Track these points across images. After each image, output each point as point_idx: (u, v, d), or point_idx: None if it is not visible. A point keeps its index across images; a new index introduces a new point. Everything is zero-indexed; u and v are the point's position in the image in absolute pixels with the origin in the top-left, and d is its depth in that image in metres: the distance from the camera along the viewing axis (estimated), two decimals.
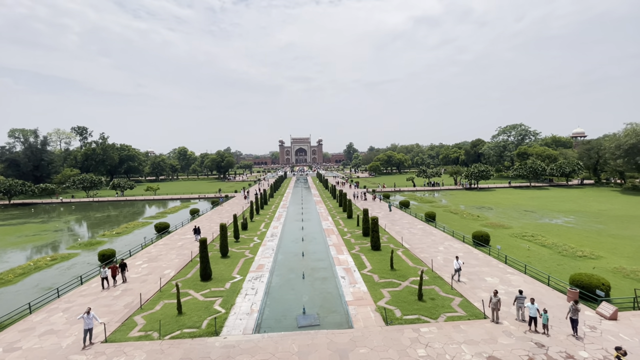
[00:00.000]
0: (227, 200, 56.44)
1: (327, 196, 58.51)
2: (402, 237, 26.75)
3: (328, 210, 42.31)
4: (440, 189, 68.21)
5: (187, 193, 69.84)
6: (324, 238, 27.63)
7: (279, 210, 43.65)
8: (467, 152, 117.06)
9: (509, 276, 18.74)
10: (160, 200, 62.57)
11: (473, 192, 61.93)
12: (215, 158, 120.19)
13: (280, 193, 66.69)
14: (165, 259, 22.98)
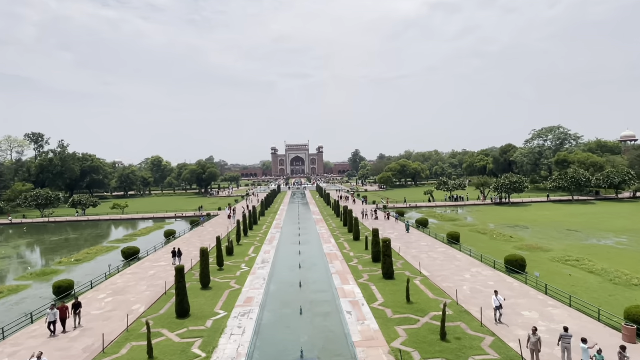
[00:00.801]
0: (209, 219, 56.62)
1: (330, 214, 58.79)
2: (420, 262, 26.62)
3: (330, 230, 42.37)
4: (464, 204, 68.39)
5: (162, 211, 70.00)
6: (326, 265, 27.55)
7: (272, 231, 43.75)
8: (495, 160, 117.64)
9: (550, 310, 18.46)
10: (130, 221, 62.63)
11: (504, 208, 62.05)
12: (195, 169, 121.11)
13: (273, 211, 66.99)
14: (134, 291, 22.82)
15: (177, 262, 29.80)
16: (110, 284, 24.36)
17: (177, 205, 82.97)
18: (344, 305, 19.57)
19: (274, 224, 49.68)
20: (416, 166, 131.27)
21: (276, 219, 54.15)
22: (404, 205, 67.93)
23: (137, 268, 28.18)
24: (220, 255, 27.22)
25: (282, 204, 79.46)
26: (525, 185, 66.65)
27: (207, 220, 55.29)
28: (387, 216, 48.94)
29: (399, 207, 66.42)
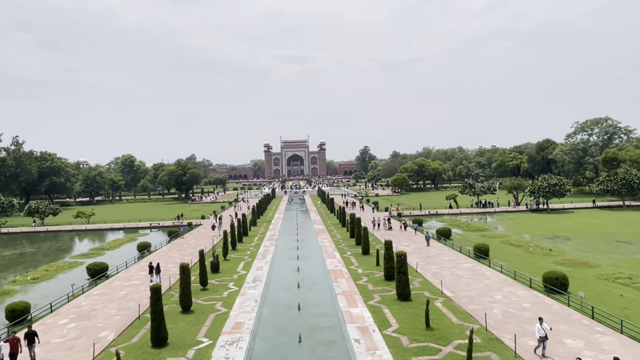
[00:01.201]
0: (190, 230, 56.89)
1: (334, 223, 59.24)
2: (442, 280, 26.61)
3: (335, 243, 42.50)
4: (494, 211, 68.71)
5: (134, 220, 70.31)
6: (330, 283, 27.60)
7: (265, 243, 43.99)
8: (531, 159, 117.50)
9: (598, 337, 18.31)
10: (96, 231, 62.96)
11: (541, 215, 62.17)
12: (173, 170, 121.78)
13: (266, 219, 67.36)
14: (102, 315, 22.88)
15: (156, 280, 29.99)
16: (74, 307, 24.43)
17: (153, 213, 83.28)
18: (351, 331, 19.45)
19: (267, 235, 49.84)
20: (436, 166, 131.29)
21: (270, 229, 54.38)
22: (421, 213, 68.16)
23: (105, 288, 28.28)
24: (203, 272, 27.28)
25: (277, 211, 79.80)
26: (566, 189, 66.60)
27: (187, 230, 55.50)
28: (403, 226, 49.06)
29: (415, 214, 66.65)
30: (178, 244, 45.28)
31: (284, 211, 78.93)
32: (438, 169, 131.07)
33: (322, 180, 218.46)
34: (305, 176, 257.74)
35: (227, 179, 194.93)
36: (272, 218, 67.68)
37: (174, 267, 32.80)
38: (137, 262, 36.58)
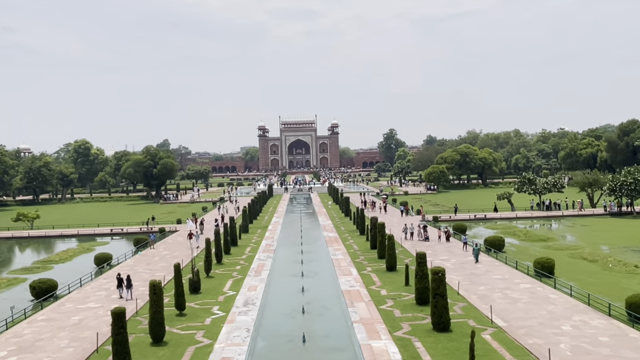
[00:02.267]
0: (163, 237, 57.62)
1: (349, 230, 59.67)
2: (492, 305, 26.52)
3: (351, 256, 42.77)
4: (562, 215, 68.55)
5: (91, 225, 71.37)
6: (344, 308, 27.74)
7: (260, 256, 44.41)
8: (611, 146, 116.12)
9: None
10: (42, 239, 63.96)
11: (625, 221, 61.70)
12: (140, 161, 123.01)
13: (261, 224, 68.11)
14: (50, 347, 23.23)
15: (126, 296, 30.54)
16: (13, 336, 24.82)
17: (115, 216, 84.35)
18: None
19: (262, 245, 50.22)
20: (485, 155, 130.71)
21: (266, 237, 54.81)
22: (463, 217, 68.13)
23: (54, 311, 28.75)
24: (180, 292, 27.57)
25: (276, 213, 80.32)
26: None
27: (159, 238, 56.19)
28: (444, 235, 48.70)
29: (457, 219, 66.88)
30: (147, 255, 45.78)
31: (284, 214, 79.28)
32: (487, 159, 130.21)
33: (334, 173, 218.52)
34: (312, 168, 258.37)
35: (210, 171, 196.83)
36: (269, 223, 68.06)
37: (142, 286, 33.19)
38: (94, 279, 37.09)
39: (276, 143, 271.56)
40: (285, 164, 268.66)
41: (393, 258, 36.40)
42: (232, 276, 36.34)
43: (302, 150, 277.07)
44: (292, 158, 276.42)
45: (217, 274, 37.25)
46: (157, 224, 68.50)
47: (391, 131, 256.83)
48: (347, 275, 35.13)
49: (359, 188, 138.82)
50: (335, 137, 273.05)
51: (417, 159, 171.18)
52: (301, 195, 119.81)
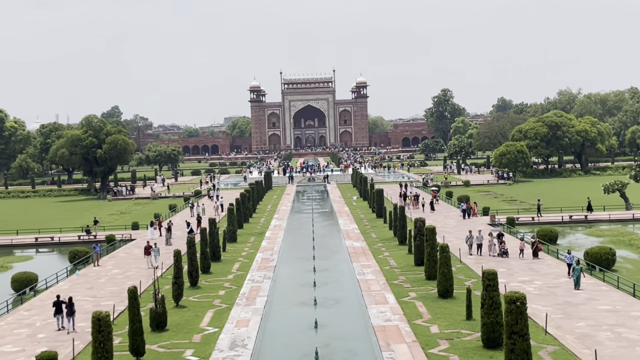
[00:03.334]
0: (112, 250, 57.75)
1: (384, 237, 59.80)
2: (597, 350, 25.96)
3: (386, 275, 42.54)
4: None
5: (6, 232, 71.71)
6: (377, 354, 27.35)
7: (254, 275, 44.46)
8: None
9: None
10: None
11: None
12: (79, 137, 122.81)
13: (255, 230, 68.65)
14: None
15: (68, 327, 31.12)
16: None
17: (42, 219, 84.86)
18: None
19: (257, 259, 50.14)
20: (586, 126, 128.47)
21: (263, 249, 54.81)
22: (549, 220, 67.53)
23: None
24: (137, 329, 27.37)
25: (276, 214, 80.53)
26: None
27: (106, 251, 56.26)
28: (532, 248, 47.37)
29: (545, 221, 66.04)
30: (90, 276, 45.69)
31: (288, 215, 79.14)
32: (589, 133, 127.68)
33: (360, 155, 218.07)
34: (329, 148, 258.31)
35: (180, 153, 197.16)
36: (267, 228, 67.91)
37: (82, 320, 33.15)
38: (12, 311, 37.08)
39: (276, 111, 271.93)
40: (289, 142, 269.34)
41: (448, 279, 35.86)
42: (212, 305, 36.12)
43: (314, 122, 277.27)
44: (299, 133, 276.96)
45: (192, 302, 37.04)
46: (104, 230, 68.66)
47: (445, 93, 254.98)
48: (381, 304, 34.72)
49: (397, 176, 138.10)
50: (362, 103, 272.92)
51: (483, 134, 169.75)
52: (313, 188, 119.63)
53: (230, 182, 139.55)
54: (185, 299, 37.40)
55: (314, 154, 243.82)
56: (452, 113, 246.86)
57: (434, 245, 40.25)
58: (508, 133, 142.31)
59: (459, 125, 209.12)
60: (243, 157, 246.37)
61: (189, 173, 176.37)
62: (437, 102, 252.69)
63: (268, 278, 42.90)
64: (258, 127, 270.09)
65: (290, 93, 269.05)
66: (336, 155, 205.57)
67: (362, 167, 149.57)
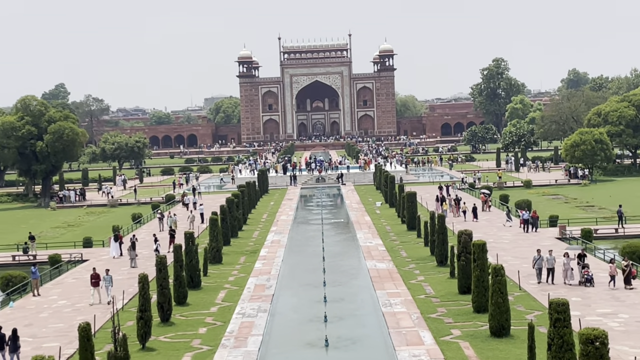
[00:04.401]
0: (56, 274, 57.90)
1: (417, 256, 59.75)
2: None
3: (420, 307, 42.35)
4: None
5: None
6: None
7: (245, 307, 44.38)
8: None
9: None
10: None
11: None
12: (12, 125, 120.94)
13: (245, 247, 68.65)
14: None
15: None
16: None
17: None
18: None
19: (249, 285, 50.18)
20: None
21: (256, 272, 54.83)
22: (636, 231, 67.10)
23: None
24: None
25: (274, 225, 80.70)
26: None
27: (48, 276, 56.24)
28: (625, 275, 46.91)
29: (628, 234, 65.71)
30: (27, 309, 45.68)
31: (290, 226, 79.22)
32: None
33: (385, 147, 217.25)
34: (345, 136, 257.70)
35: (147, 145, 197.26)
36: (262, 245, 67.93)
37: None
38: None
39: (273, 89, 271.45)
40: (291, 130, 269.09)
41: (503, 311, 35.61)
42: (190, 347, 36.03)
43: (324, 103, 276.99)
44: (304, 118, 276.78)
45: (163, 343, 36.99)
46: (46, 249, 68.62)
47: (497, 64, 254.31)
48: (415, 346, 34.54)
49: (434, 175, 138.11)
50: (387, 77, 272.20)
51: (549, 118, 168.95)
52: (323, 191, 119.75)
53: (213, 185, 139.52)
54: (154, 339, 37.38)
55: (324, 145, 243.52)
56: (507, 91, 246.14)
57: (484, 266, 40.04)
58: (582, 117, 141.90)
59: (517, 107, 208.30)
60: (230, 150, 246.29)
61: (159, 172, 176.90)
62: (487, 77, 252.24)
63: (264, 311, 42.77)
64: (249, 110, 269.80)
65: (291, 65, 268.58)
66: (353, 148, 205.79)
67: (388, 164, 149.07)
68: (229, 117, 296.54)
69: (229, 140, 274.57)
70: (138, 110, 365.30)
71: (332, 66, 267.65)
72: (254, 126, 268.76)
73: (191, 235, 51.84)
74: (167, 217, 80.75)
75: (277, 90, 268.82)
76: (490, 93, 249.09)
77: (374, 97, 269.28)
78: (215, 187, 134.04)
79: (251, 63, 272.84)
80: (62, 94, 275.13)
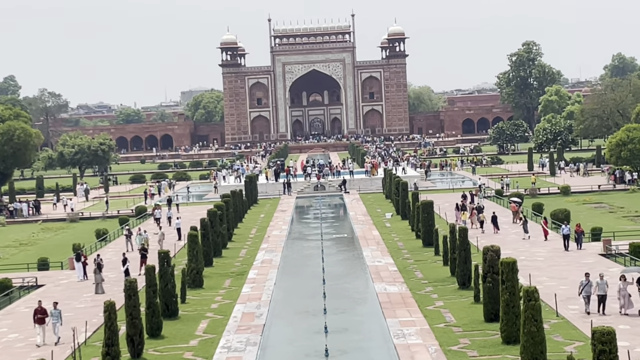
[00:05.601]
0: (6, 302, 57.94)
1: (435, 277, 59.82)
2: None
3: (441, 342, 41.89)
4: None
5: None
6: None
7: (231, 341, 44.23)
8: None
9: None
10: None
11: None
12: None
13: (230, 268, 68.83)
14: None
15: None
16: None
17: None
18: None
19: (235, 314, 50.20)
20: None
21: (243, 298, 54.90)
22: None
23: None
24: None
25: (265, 242, 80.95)
26: None
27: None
28: None
29: None
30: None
31: (283, 243, 79.39)
32: None
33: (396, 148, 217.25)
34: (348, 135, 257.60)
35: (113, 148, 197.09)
36: (250, 265, 68.13)
37: None
38: None
39: (262, 80, 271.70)
40: (284, 129, 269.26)
41: (538, 342, 35.33)
42: None
43: (323, 97, 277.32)
44: (299, 114, 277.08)
45: None
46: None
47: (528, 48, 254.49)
48: None
49: (455, 181, 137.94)
50: (398, 65, 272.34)
51: (590, 112, 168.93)
52: (322, 200, 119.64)
53: (193, 194, 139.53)
54: None
55: (323, 146, 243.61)
56: (540, 80, 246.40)
57: (514, 289, 40.00)
58: (630, 110, 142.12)
59: (552, 99, 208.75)
60: (212, 153, 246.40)
61: (127, 180, 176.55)
62: (516, 63, 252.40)
63: (253, 344, 42.75)
64: (235, 105, 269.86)
65: (284, 52, 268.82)
66: (358, 149, 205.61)
67: (400, 167, 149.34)
68: (210, 114, 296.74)
69: (211, 141, 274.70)
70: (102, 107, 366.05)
71: (332, 52, 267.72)
72: (240, 124, 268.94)
73: (166, 255, 51.77)
74: (135, 234, 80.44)
75: (267, 81, 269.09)
76: (520, 83, 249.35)
77: (382, 88, 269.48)
78: (195, 196, 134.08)
79: (236, 50, 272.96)
80: (12, 88, 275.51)
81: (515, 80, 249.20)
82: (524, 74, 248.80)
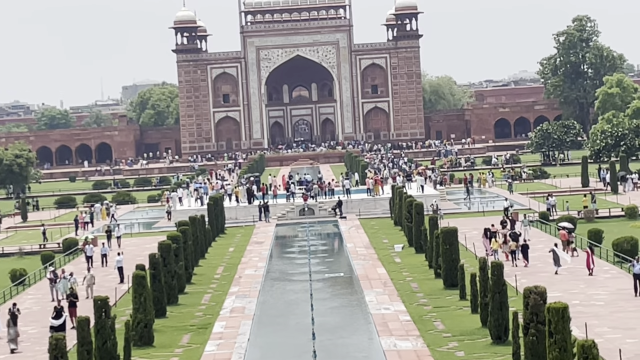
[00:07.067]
0: None
1: (464, 331, 58.83)
2: None
3: None
4: None
5: None
6: None
7: None
8: None
9: None
10: None
11: None
12: None
13: (187, 319, 68.59)
14: None
15: None
16: None
17: None
18: None
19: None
20: None
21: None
22: None
23: None
24: None
25: (234, 286, 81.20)
26: None
27: None
28: None
29: None
30: None
31: (260, 286, 79.58)
32: None
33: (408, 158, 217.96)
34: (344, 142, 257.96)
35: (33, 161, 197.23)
36: (217, 316, 67.87)
37: None
38: None
39: (230, 70, 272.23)
40: (259, 134, 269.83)
41: None
42: None
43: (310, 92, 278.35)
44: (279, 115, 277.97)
45: None
46: None
47: (580, 26, 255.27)
48: None
49: (486, 201, 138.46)
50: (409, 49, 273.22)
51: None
52: (310, 229, 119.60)
53: (139, 221, 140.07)
54: None
55: (311, 157, 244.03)
56: (596, 67, 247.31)
57: (565, 343, 40.02)
58: None
59: (613, 92, 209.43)
60: (164, 167, 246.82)
61: (52, 204, 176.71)
62: (565, 45, 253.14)
63: None
64: (194, 104, 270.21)
65: (258, 32, 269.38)
66: (357, 160, 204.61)
67: (413, 184, 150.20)
68: (161, 116, 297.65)
69: (163, 151, 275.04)
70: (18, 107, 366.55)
71: (321, 33, 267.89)
72: (202, 129, 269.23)
73: (104, 303, 51.48)
74: (61, 278, 79.31)
75: (236, 71, 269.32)
76: (570, 71, 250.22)
77: (389, 79, 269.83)
78: (143, 224, 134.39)
79: (195, 30, 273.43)
80: None
81: (564, 68, 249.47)
82: (575, 59, 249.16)
